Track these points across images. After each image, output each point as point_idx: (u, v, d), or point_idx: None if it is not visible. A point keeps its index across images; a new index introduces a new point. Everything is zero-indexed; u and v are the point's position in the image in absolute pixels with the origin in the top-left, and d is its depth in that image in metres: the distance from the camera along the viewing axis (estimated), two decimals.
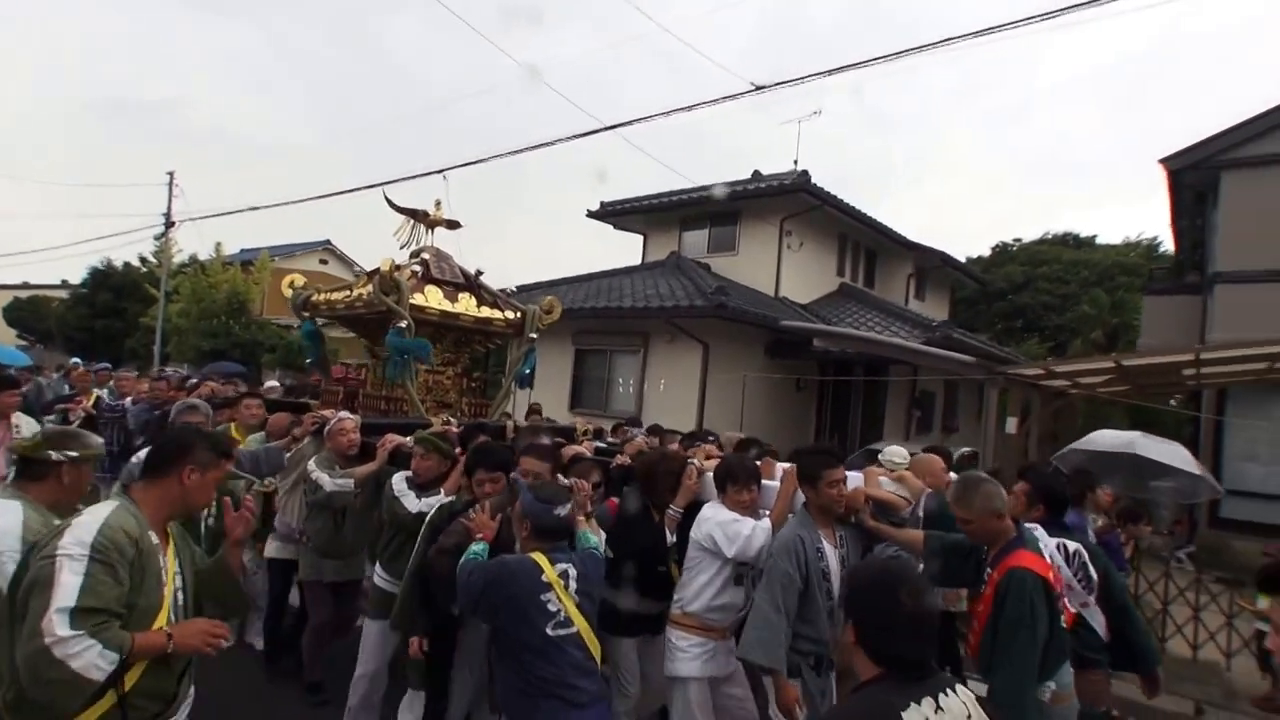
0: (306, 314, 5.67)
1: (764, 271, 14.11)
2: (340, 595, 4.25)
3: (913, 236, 16.59)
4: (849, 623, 1.74)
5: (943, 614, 3.87)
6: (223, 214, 21.44)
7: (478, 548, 2.72)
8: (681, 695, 3.19)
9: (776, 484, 3.43)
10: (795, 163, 15.73)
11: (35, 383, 8.48)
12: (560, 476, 3.43)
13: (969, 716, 1.62)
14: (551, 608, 2.49)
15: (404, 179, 12.86)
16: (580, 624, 2.54)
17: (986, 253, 31.57)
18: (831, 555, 3.04)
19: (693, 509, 3.41)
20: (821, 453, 3.27)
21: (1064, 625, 2.63)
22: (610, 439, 6.01)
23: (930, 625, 1.68)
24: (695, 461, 3.67)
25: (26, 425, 4.61)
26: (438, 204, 5.73)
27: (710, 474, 3.50)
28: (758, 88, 8.78)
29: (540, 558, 2.56)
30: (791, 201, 13.68)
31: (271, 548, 4.56)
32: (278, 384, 10.37)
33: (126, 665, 1.80)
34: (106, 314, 26.36)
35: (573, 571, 2.59)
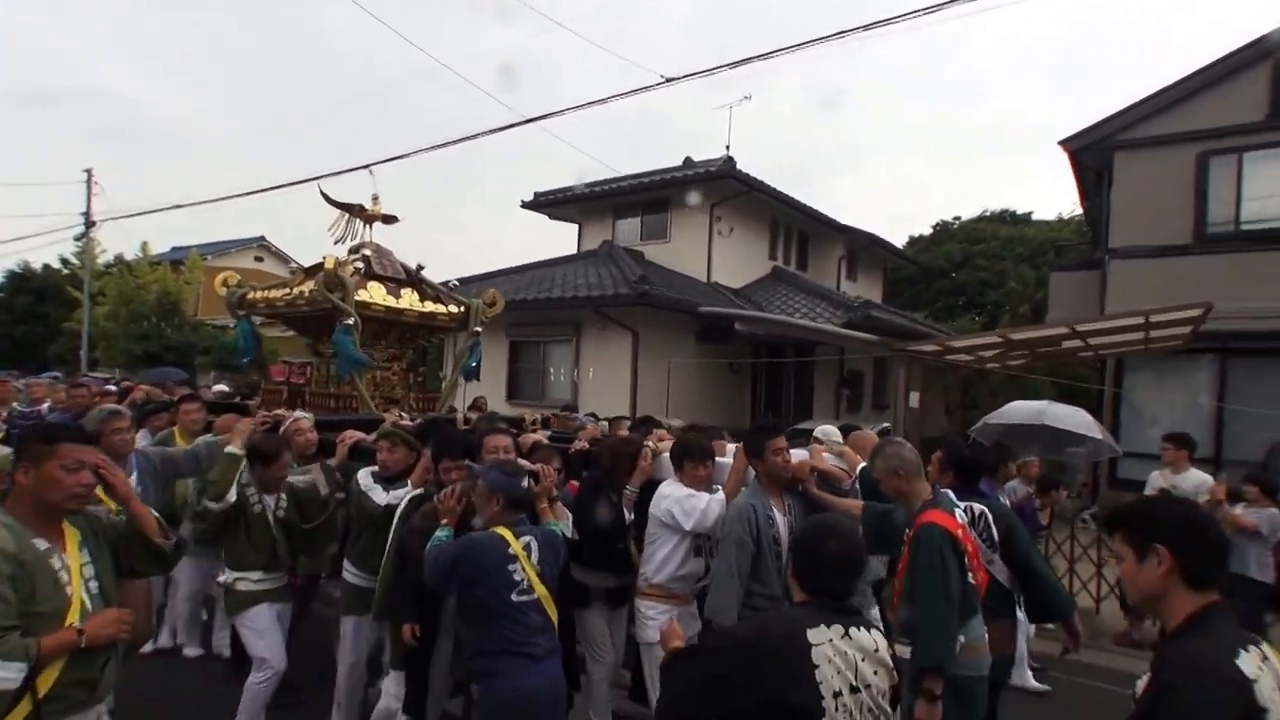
0: (242, 312, 5.65)
1: (696, 258, 14.52)
2: (305, 591, 4.29)
3: (860, 218, 17.29)
4: (789, 558, 2.14)
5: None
6: (146, 212, 21.20)
7: (442, 533, 2.94)
8: (651, 658, 3.50)
9: (729, 460, 3.75)
10: (727, 148, 16.16)
11: None
12: (524, 463, 3.59)
13: (876, 651, 1.89)
14: (516, 577, 2.76)
15: (332, 174, 12.82)
16: (540, 590, 2.81)
17: (929, 231, 32.54)
18: (781, 521, 3.33)
19: (648, 488, 3.71)
20: (762, 427, 3.60)
21: (974, 583, 2.84)
22: (555, 428, 6.17)
23: (851, 566, 2.00)
24: (650, 444, 3.95)
25: None
26: (375, 198, 5.75)
27: (665, 454, 3.78)
28: (667, 80, 9.13)
29: (506, 532, 2.82)
30: (720, 187, 14.07)
31: None
32: (226, 387, 10.25)
33: (38, 669, 1.93)
34: (26, 319, 25.60)
35: (534, 544, 2.85)
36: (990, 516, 3.37)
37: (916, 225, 53.99)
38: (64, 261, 25.38)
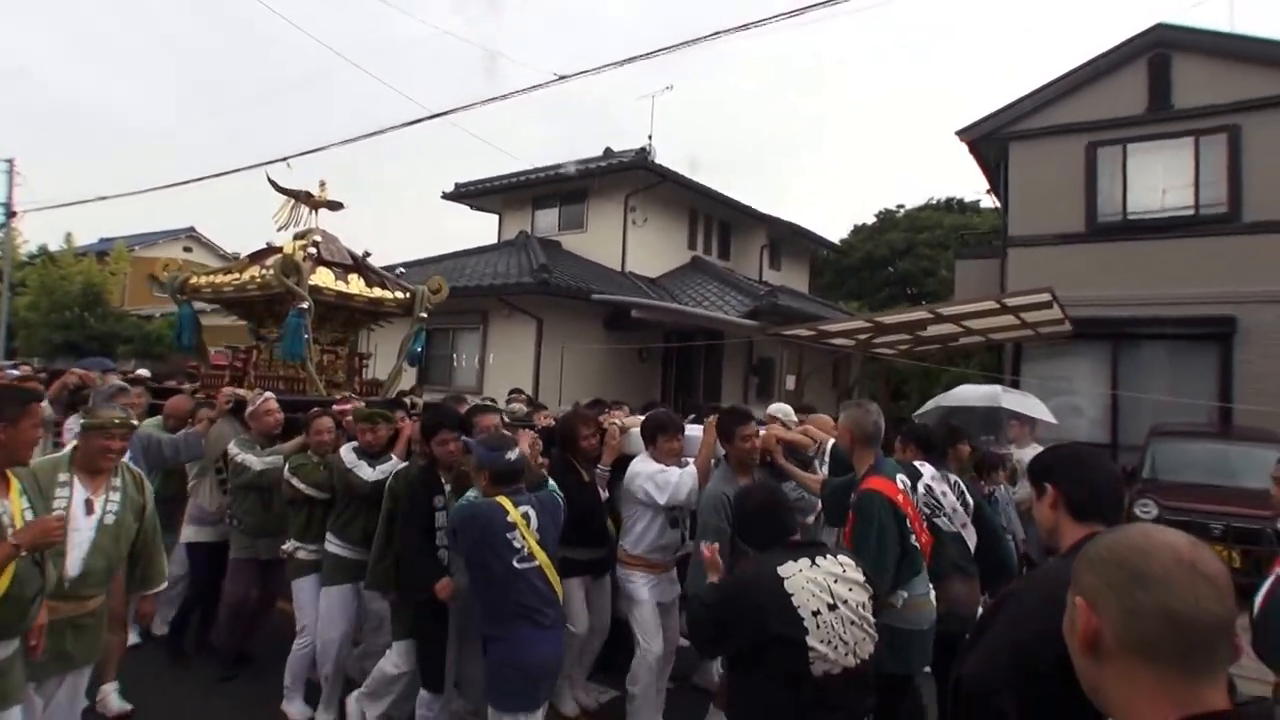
0: (183, 297, 5.67)
1: (611, 247, 14.75)
2: (271, 571, 4.33)
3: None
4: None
5: None
6: (69, 204, 20.81)
7: (472, 493, 3.08)
8: (638, 610, 3.78)
9: (696, 432, 3.97)
10: (649, 139, 16.45)
11: None
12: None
13: (845, 572, 2.27)
14: (516, 544, 2.88)
15: (255, 166, 13.09)
16: (541, 559, 2.93)
17: (873, 220, 32.91)
18: None
19: (620, 465, 3.97)
20: (736, 412, 3.82)
21: (916, 545, 3.00)
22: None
23: (773, 511, 2.45)
24: (617, 421, 4.16)
25: None
26: (322, 185, 5.85)
27: (635, 430, 4.01)
28: (561, 77, 9.39)
29: (505, 501, 2.92)
30: (635, 178, 14.33)
31: (189, 532, 4.56)
32: (145, 372, 10.39)
33: None
34: None
35: (533, 512, 2.96)
36: (962, 485, 3.73)
37: (858, 213, 54.47)
38: None
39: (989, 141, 12.08)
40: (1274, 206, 9.94)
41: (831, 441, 3.86)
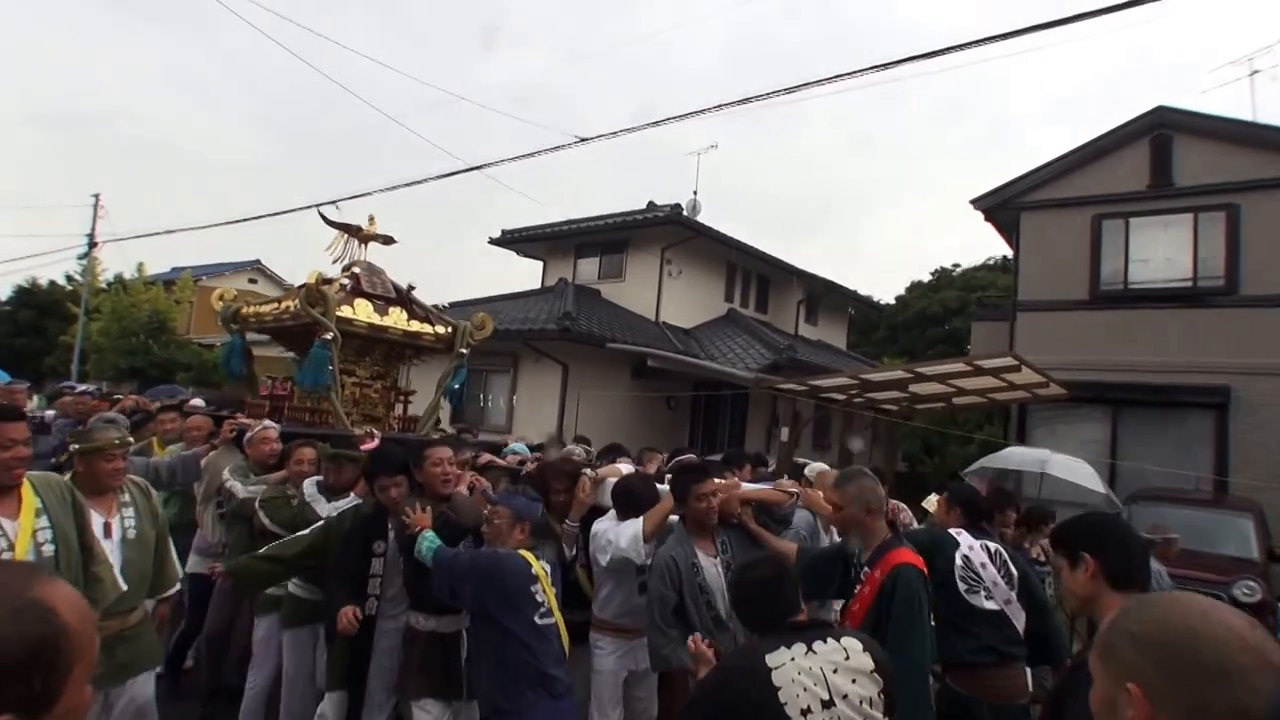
0: (235, 327, 5.85)
1: (647, 297, 16.08)
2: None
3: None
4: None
5: None
6: (142, 235, 23.34)
7: (431, 535, 3.06)
8: (596, 679, 3.59)
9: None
10: (695, 193, 17.95)
11: None
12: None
13: (848, 659, 1.94)
14: (539, 599, 2.85)
15: (313, 205, 14.73)
16: (558, 615, 2.92)
17: (927, 278, 33.88)
18: (709, 566, 3.31)
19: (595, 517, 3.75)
20: (689, 469, 3.58)
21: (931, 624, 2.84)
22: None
23: (775, 586, 2.14)
24: (588, 472, 3.91)
25: None
26: (371, 219, 6.08)
27: (609, 481, 3.80)
28: (582, 140, 10.86)
29: (527, 554, 2.93)
30: (670, 232, 15.70)
31: (192, 562, 4.60)
32: (200, 401, 11.67)
33: None
34: (27, 332, 27.99)
35: (548, 567, 3.00)
36: (1006, 554, 3.43)
37: (915, 271, 54.93)
38: (69, 279, 27.87)
39: (1002, 211, 13.14)
40: (1270, 281, 10.69)
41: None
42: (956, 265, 33.77)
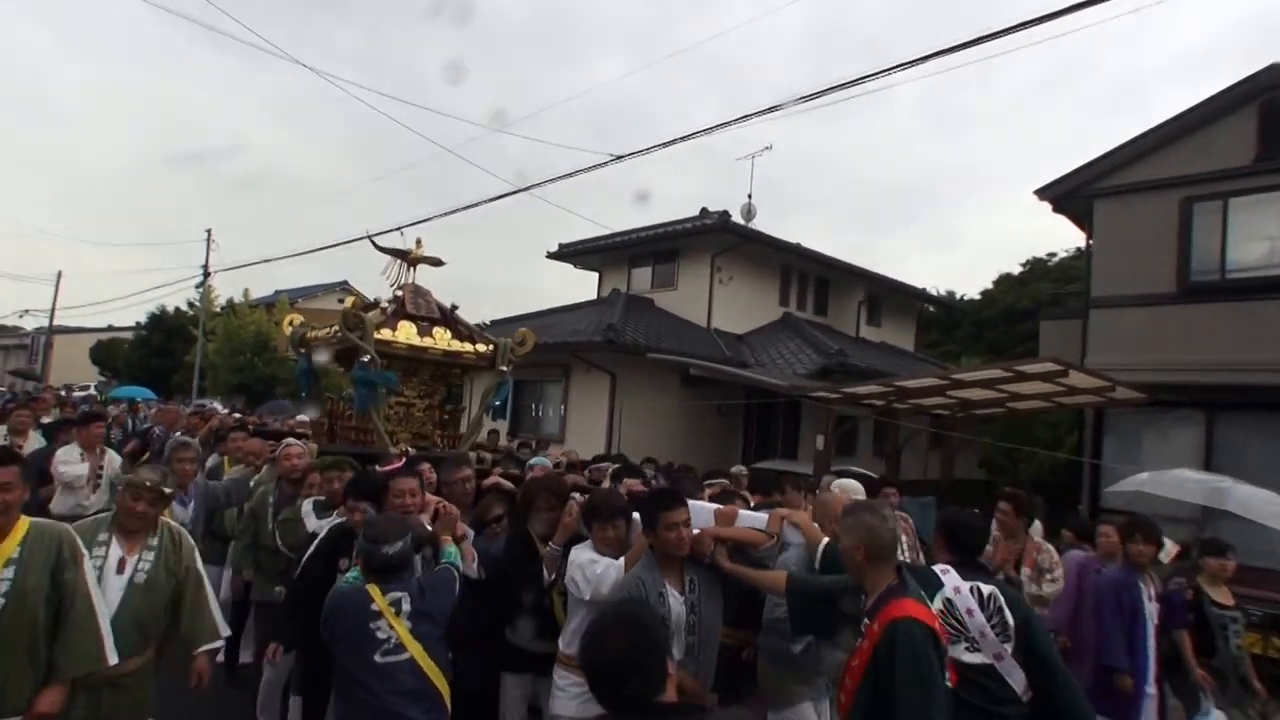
0: (303, 350, 6.03)
1: (698, 305, 15.65)
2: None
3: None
4: None
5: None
6: (243, 265, 25.39)
7: (352, 575, 2.96)
8: None
9: (706, 504, 3.50)
10: (749, 197, 17.32)
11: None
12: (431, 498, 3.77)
13: None
14: (380, 635, 2.72)
15: (385, 231, 15.24)
16: (414, 649, 2.75)
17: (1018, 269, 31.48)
18: (676, 601, 3.00)
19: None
20: (660, 494, 3.30)
21: (948, 684, 2.45)
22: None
23: (625, 674, 1.58)
24: (577, 496, 3.67)
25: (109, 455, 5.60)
26: (418, 242, 6.24)
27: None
28: (617, 158, 10.54)
29: (373, 588, 2.78)
30: (719, 239, 15.21)
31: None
32: (306, 416, 12.29)
33: None
34: (159, 353, 30.52)
35: (407, 597, 2.80)
36: (1001, 599, 2.89)
37: (1003, 263, 50.84)
38: (190, 305, 30.22)
39: (1071, 200, 11.85)
40: None
41: (826, 541, 3.17)
42: (1052, 255, 31.23)
